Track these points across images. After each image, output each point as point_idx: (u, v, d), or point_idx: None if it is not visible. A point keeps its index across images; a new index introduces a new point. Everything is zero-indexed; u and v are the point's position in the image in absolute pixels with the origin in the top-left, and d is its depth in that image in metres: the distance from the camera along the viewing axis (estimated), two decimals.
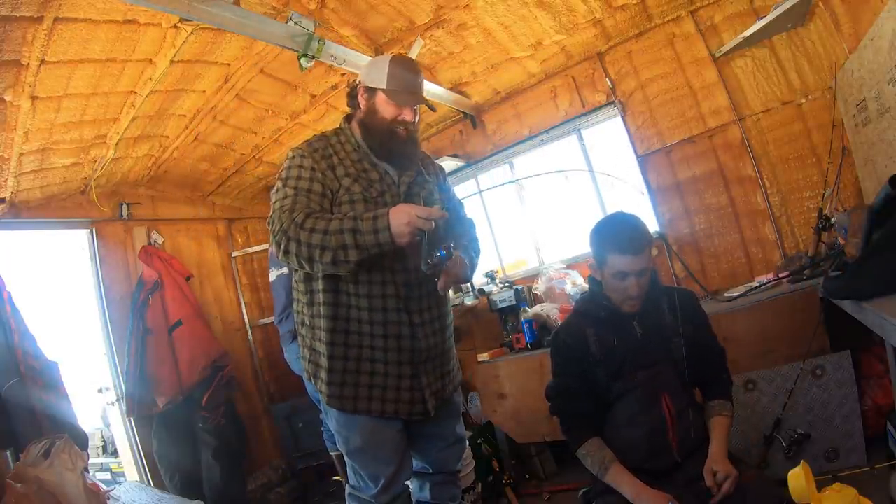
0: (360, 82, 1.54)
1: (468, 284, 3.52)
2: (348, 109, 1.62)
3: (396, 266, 1.43)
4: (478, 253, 1.66)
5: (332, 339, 1.42)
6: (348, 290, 1.41)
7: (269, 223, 1.39)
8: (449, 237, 1.41)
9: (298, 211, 1.33)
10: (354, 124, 1.56)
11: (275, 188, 1.44)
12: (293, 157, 1.45)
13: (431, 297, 1.50)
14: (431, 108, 1.61)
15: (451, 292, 1.80)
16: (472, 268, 1.57)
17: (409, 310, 1.45)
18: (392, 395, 1.44)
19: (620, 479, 1.35)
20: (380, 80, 1.46)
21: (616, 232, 1.43)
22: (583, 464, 1.44)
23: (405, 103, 1.46)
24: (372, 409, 1.43)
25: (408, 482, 1.60)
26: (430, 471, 1.66)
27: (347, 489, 1.57)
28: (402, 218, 1.25)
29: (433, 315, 1.52)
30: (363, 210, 1.38)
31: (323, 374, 1.45)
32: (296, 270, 1.51)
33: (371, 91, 1.49)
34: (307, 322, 1.50)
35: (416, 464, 1.65)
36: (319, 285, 1.43)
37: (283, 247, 1.32)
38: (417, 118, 1.53)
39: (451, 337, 1.63)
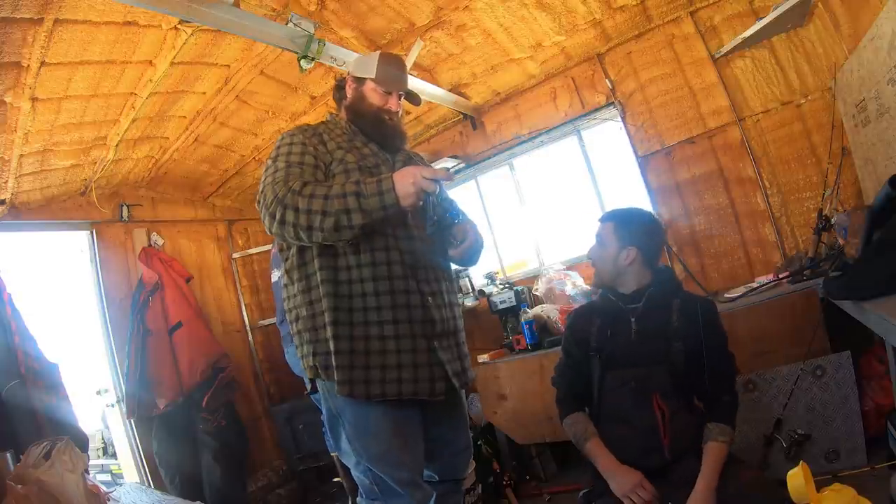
0: (348, 73, 1.59)
1: (469, 286, 3.52)
2: None
3: (399, 232, 1.35)
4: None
5: (336, 319, 1.28)
6: (348, 263, 1.30)
7: (258, 200, 1.30)
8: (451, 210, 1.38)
9: (293, 180, 1.27)
10: (342, 113, 1.59)
11: (265, 168, 1.36)
12: (282, 137, 1.42)
13: (438, 268, 1.43)
14: (416, 101, 1.64)
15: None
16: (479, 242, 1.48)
17: (417, 277, 1.34)
18: (409, 373, 1.30)
19: (596, 454, 1.45)
20: (369, 70, 1.52)
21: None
22: (567, 432, 1.56)
23: (392, 89, 1.52)
24: (387, 392, 1.28)
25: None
26: (437, 479, 1.54)
27: None
28: (407, 178, 1.21)
29: (441, 287, 1.43)
30: (359, 178, 1.31)
31: (332, 361, 1.29)
32: (286, 259, 1.40)
33: (360, 80, 1.55)
34: (306, 312, 1.34)
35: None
36: (315, 265, 1.32)
37: (278, 216, 1.23)
38: (401, 112, 1.58)
39: (461, 318, 1.56)
